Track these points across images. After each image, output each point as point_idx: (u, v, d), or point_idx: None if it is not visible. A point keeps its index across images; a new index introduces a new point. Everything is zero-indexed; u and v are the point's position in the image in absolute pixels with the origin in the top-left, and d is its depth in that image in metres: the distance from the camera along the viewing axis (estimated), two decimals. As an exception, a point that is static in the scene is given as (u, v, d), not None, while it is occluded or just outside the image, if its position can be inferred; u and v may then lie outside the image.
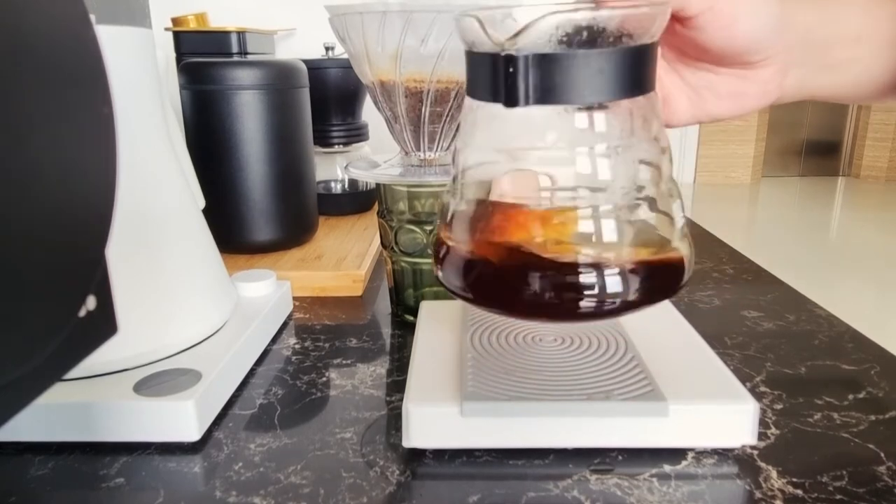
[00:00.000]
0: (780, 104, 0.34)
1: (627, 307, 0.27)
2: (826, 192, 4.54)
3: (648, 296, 0.27)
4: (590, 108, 0.26)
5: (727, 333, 0.48)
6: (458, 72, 0.45)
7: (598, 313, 0.27)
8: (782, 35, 0.31)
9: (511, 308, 0.28)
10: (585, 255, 0.26)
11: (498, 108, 0.26)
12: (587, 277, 0.26)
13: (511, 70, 0.25)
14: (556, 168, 0.27)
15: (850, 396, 0.39)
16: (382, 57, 0.44)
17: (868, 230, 3.58)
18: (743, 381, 0.36)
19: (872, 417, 0.37)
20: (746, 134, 4.61)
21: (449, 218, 0.30)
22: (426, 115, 0.46)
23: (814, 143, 5.03)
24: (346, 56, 0.60)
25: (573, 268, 0.26)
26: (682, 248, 0.28)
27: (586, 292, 0.26)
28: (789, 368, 0.43)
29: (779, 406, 0.38)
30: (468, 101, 0.28)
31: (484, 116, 0.28)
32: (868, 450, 0.34)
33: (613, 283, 0.26)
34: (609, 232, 0.26)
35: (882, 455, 0.33)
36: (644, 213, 0.27)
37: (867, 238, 3.43)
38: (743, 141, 4.62)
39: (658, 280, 0.27)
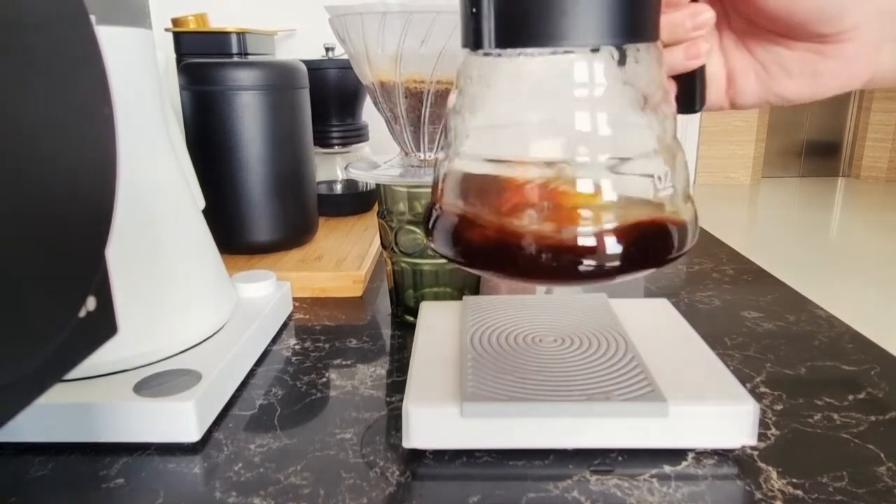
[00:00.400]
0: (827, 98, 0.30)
1: (617, 270, 0.25)
2: (826, 193, 4.54)
3: (641, 259, 0.26)
4: (573, 55, 0.24)
5: (727, 334, 0.48)
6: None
7: (587, 274, 0.25)
8: (860, 4, 0.27)
9: (502, 267, 0.27)
10: (575, 213, 0.25)
11: (486, 62, 0.25)
12: (581, 238, 0.25)
13: (474, 10, 0.25)
14: (545, 123, 0.26)
15: (851, 397, 0.39)
16: (382, 58, 0.44)
17: (868, 231, 3.58)
18: (743, 382, 0.36)
19: (872, 418, 0.37)
20: (746, 134, 4.62)
21: (441, 182, 0.29)
22: (426, 115, 0.46)
23: (814, 144, 5.03)
24: (346, 57, 0.60)
25: (561, 225, 0.25)
26: (682, 211, 0.27)
27: (577, 253, 0.25)
28: (789, 369, 0.43)
29: (779, 407, 0.38)
30: (461, 57, 0.27)
31: (474, 71, 0.27)
32: (868, 450, 0.34)
33: (608, 244, 0.25)
34: (601, 190, 0.25)
35: (882, 456, 0.33)
36: (640, 171, 0.26)
37: (867, 239, 3.43)
38: (743, 141, 4.62)
39: (654, 242, 0.26)
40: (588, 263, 0.25)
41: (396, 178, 0.47)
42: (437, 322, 0.43)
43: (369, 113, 0.77)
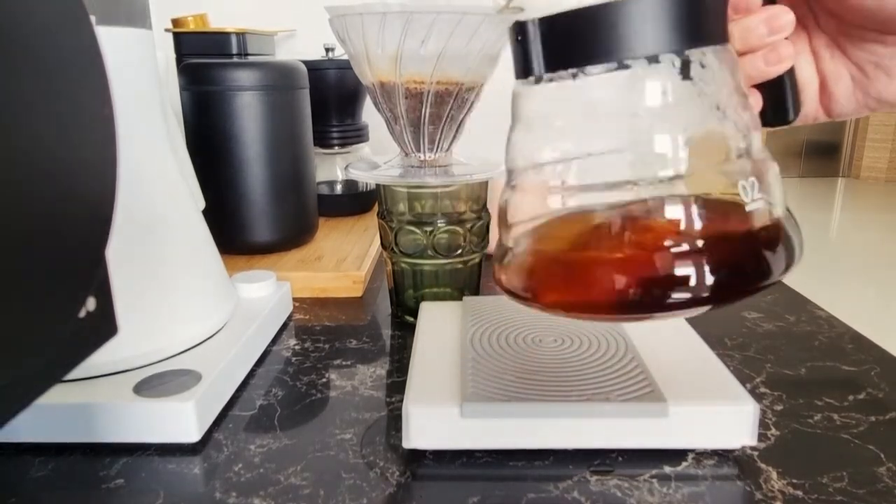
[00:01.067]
0: None
1: (712, 300, 0.23)
2: (826, 194, 4.54)
3: (736, 286, 0.24)
4: (629, 71, 0.23)
5: (727, 334, 0.48)
6: (457, 73, 0.45)
7: (679, 305, 0.23)
8: None
9: (593, 308, 0.25)
10: (671, 243, 0.23)
11: (539, 92, 0.24)
12: (679, 267, 0.22)
13: (519, 38, 0.24)
14: (615, 150, 0.24)
15: (851, 397, 0.39)
16: (382, 58, 0.44)
17: (868, 231, 3.58)
18: (743, 382, 0.36)
19: (872, 418, 0.37)
20: (746, 135, 4.61)
21: (510, 221, 0.27)
22: (426, 116, 0.46)
23: (814, 144, 5.04)
24: (346, 57, 0.60)
25: (658, 258, 0.23)
26: (781, 226, 0.24)
27: (679, 283, 0.22)
28: (789, 369, 0.43)
29: (779, 407, 0.38)
30: (514, 87, 0.26)
31: (530, 102, 0.25)
32: (868, 451, 0.34)
33: (706, 271, 0.22)
34: (694, 217, 0.23)
35: (882, 456, 0.33)
36: (722, 184, 0.24)
37: (867, 239, 3.43)
38: (743, 142, 4.62)
39: (764, 260, 0.24)
40: (680, 296, 0.23)
41: (396, 179, 0.47)
42: (437, 322, 0.43)
43: (369, 113, 0.77)
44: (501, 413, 0.32)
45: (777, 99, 0.29)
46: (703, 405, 0.33)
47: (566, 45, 0.23)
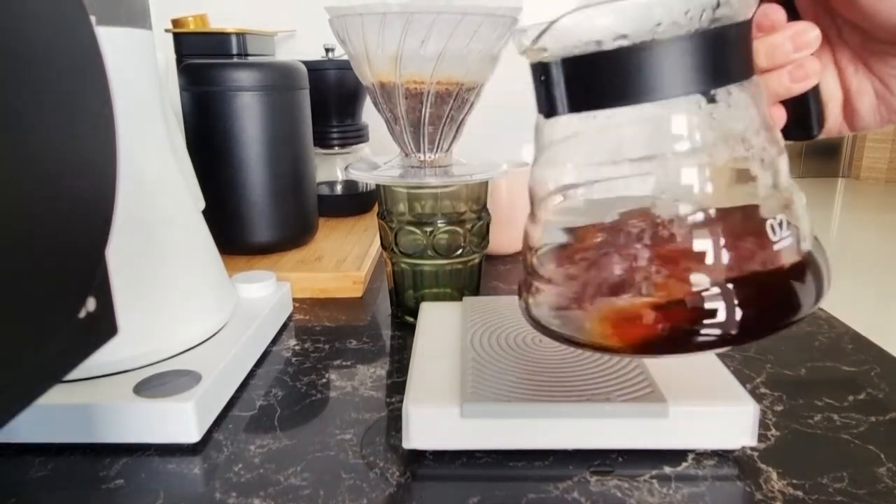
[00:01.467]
0: None
1: (756, 332, 0.23)
2: (826, 194, 4.54)
3: (766, 324, 0.23)
4: (656, 107, 0.22)
5: (727, 335, 0.48)
6: (457, 73, 0.45)
7: (725, 342, 0.23)
8: None
9: (622, 349, 0.24)
10: (701, 279, 0.22)
11: (563, 124, 0.24)
12: (710, 304, 0.22)
13: (543, 78, 0.23)
14: (642, 182, 0.23)
15: (850, 398, 0.39)
16: (382, 58, 0.44)
17: (868, 232, 3.58)
18: (743, 383, 0.36)
19: (872, 419, 0.37)
20: (746, 135, 4.61)
21: (536, 249, 0.26)
22: (426, 116, 0.46)
23: (814, 145, 5.04)
24: (346, 57, 0.60)
25: (689, 296, 0.22)
26: (808, 261, 0.24)
27: (709, 321, 0.22)
28: (789, 370, 0.43)
29: (779, 407, 0.38)
30: (536, 119, 0.26)
31: (556, 133, 0.25)
32: (868, 451, 0.34)
33: (735, 312, 0.22)
34: (721, 250, 0.22)
35: (882, 456, 0.33)
36: (751, 223, 0.23)
37: (867, 239, 3.43)
38: (743, 142, 4.62)
39: (794, 295, 0.24)
40: (707, 336, 0.22)
41: (396, 179, 0.47)
42: (437, 322, 0.43)
43: (369, 113, 0.77)
44: (501, 413, 0.32)
45: (801, 114, 0.28)
46: (704, 405, 0.33)
47: (589, 89, 0.23)
